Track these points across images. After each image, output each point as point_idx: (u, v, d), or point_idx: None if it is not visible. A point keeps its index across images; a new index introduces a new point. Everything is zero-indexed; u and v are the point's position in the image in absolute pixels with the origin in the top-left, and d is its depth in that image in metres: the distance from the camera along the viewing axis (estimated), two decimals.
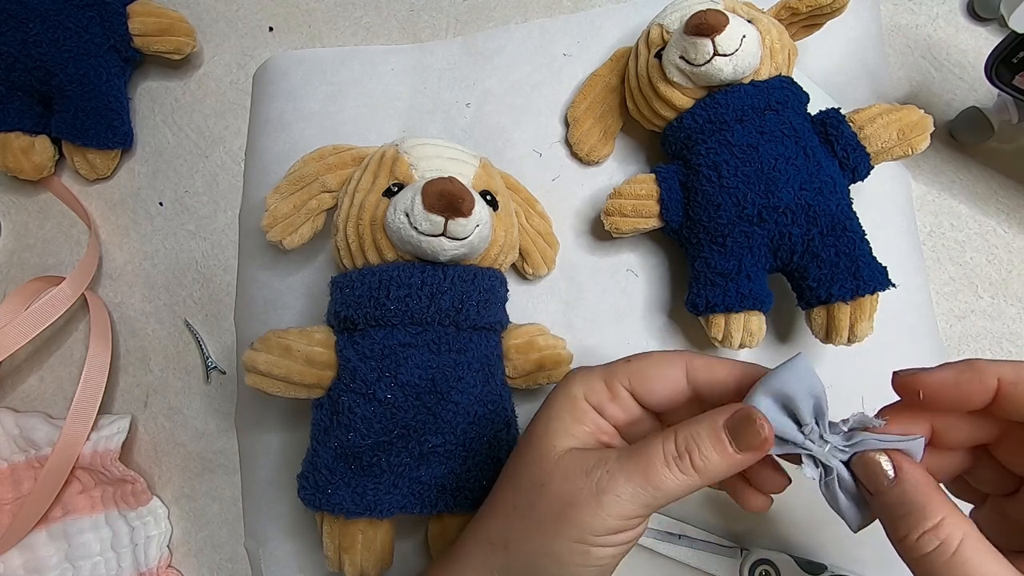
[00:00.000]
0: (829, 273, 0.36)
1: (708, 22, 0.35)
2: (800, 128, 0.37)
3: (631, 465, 0.24)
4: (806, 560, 0.38)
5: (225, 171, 0.47)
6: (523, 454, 0.28)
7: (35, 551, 0.40)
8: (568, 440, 0.26)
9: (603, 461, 0.25)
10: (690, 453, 0.24)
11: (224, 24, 0.50)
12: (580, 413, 0.27)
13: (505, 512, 0.27)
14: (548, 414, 0.28)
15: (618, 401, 0.27)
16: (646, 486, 0.24)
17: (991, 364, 0.23)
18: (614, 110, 0.44)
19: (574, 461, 0.25)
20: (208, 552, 0.43)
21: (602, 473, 0.24)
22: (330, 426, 0.34)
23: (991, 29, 0.47)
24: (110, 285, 0.46)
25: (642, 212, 0.39)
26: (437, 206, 0.32)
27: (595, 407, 0.27)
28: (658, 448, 0.24)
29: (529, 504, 0.26)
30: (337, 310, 0.36)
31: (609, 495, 0.24)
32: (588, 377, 0.28)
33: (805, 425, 0.24)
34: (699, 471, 0.24)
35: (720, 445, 0.24)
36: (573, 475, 0.25)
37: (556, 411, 0.27)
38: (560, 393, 0.28)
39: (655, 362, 0.27)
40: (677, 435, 0.24)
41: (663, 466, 0.24)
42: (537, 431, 0.28)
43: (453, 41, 0.48)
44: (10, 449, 0.41)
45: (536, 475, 0.26)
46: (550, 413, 0.27)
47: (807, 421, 0.24)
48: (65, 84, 0.44)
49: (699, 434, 0.24)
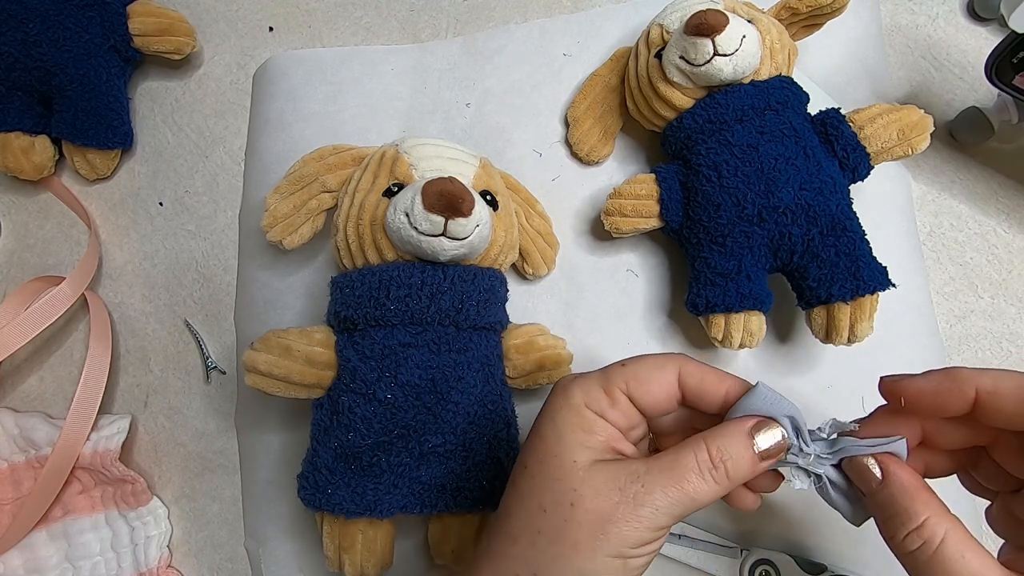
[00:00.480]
0: (829, 273, 0.36)
1: (708, 22, 0.35)
2: (800, 128, 0.37)
3: (666, 478, 0.24)
4: (806, 560, 0.38)
5: (225, 171, 0.47)
6: (537, 473, 0.26)
7: (35, 551, 0.40)
8: (587, 453, 0.26)
9: (636, 475, 0.25)
10: (724, 463, 0.25)
11: (224, 24, 0.50)
12: (589, 423, 0.26)
13: (530, 539, 0.25)
14: (556, 428, 0.27)
15: (618, 407, 0.27)
16: (682, 497, 0.24)
17: (971, 373, 0.24)
18: (614, 110, 0.44)
19: (602, 475, 0.25)
20: (208, 552, 0.43)
21: (638, 488, 0.24)
22: (330, 426, 0.34)
23: (991, 29, 0.47)
24: (110, 285, 0.46)
25: (642, 212, 0.39)
26: (437, 206, 0.32)
27: (599, 415, 0.27)
28: (691, 459, 0.25)
29: (558, 526, 0.25)
30: (337, 310, 0.36)
31: (647, 508, 0.24)
32: (586, 385, 0.27)
33: (790, 445, 0.25)
34: (731, 478, 0.25)
35: (750, 453, 0.25)
36: (606, 490, 0.24)
37: (564, 424, 0.26)
38: (561, 404, 0.27)
39: (650, 366, 0.27)
40: (709, 446, 0.25)
41: (698, 477, 0.24)
42: (549, 447, 0.26)
43: (453, 41, 0.48)
44: (10, 449, 0.41)
45: (561, 493, 0.25)
46: (558, 426, 0.26)
47: (791, 440, 0.25)
48: (65, 84, 0.44)
49: (730, 444, 0.25)
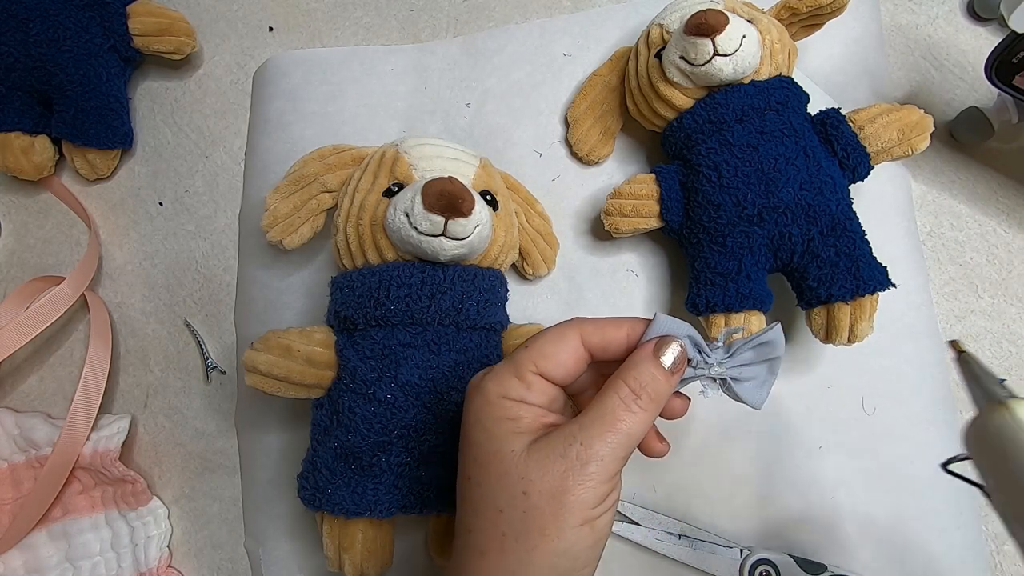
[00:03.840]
0: (829, 273, 0.36)
1: (708, 22, 0.35)
2: (800, 128, 0.37)
3: (598, 425, 0.25)
4: (806, 560, 0.38)
5: (225, 171, 0.47)
6: (483, 479, 0.26)
7: (35, 551, 0.40)
8: (521, 439, 0.26)
9: (572, 436, 0.25)
10: (644, 388, 0.26)
11: (224, 24, 0.50)
12: (513, 412, 0.27)
13: (498, 546, 0.25)
14: (484, 428, 0.27)
15: (533, 388, 0.27)
16: (621, 438, 0.25)
17: None
18: (614, 110, 0.44)
19: (541, 452, 0.25)
20: (208, 552, 0.43)
21: (577, 447, 0.25)
22: (330, 426, 0.34)
23: (991, 29, 0.47)
24: (110, 285, 0.46)
25: (642, 212, 0.39)
26: (437, 206, 0.32)
27: (519, 401, 0.27)
28: (615, 399, 0.26)
29: (520, 520, 0.25)
30: (337, 310, 0.36)
31: (593, 462, 0.25)
32: (498, 377, 0.27)
33: (691, 359, 0.27)
34: (654, 400, 0.26)
35: (661, 371, 0.26)
36: (550, 464, 0.25)
37: (490, 421, 0.27)
38: (482, 404, 0.27)
39: (552, 338, 0.28)
40: (626, 380, 0.26)
41: (626, 411, 0.26)
42: (484, 449, 0.27)
43: (453, 41, 0.48)
44: (10, 449, 0.41)
45: (512, 487, 0.25)
46: (485, 426, 0.27)
47: (692, 355, 0.27)
48: (65, 84, 0.44)
49: (642, 370, 0.26)
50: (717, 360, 0.28)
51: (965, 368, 0.29)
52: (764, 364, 0.28)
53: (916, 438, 0.40)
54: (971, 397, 0.29)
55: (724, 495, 0.40)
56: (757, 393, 0.28)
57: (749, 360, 0.28)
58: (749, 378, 0.28)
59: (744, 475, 0.40)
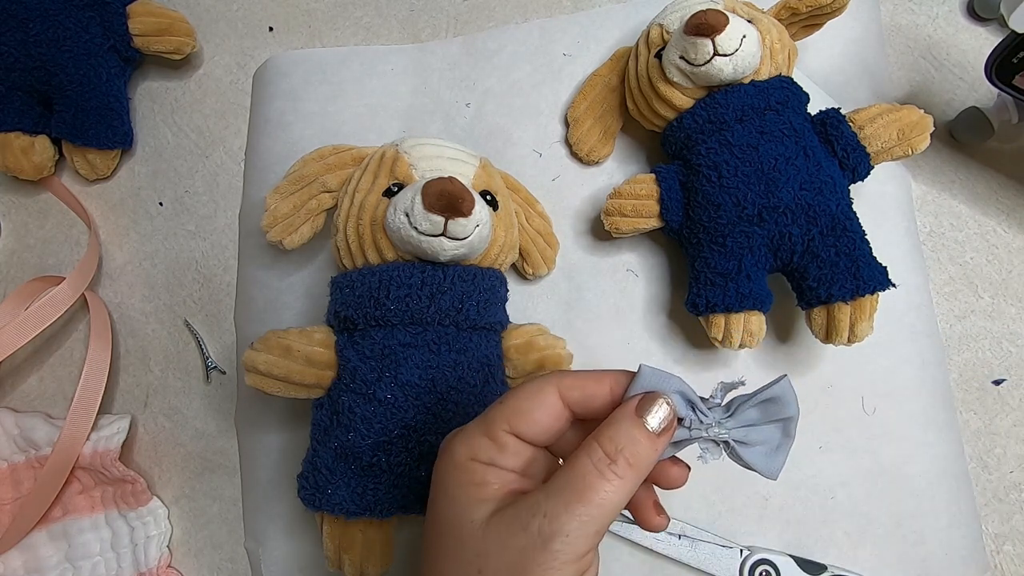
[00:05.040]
0: (829, 273, 0.36)
1: (708, 22, 0.35)
2: (800, 128, 0.37)
3: (566, 494, 0.22)
4: (806, 560, 0.38)
5: (225, 171, 0.47)
6: (440, 549, 0.24)
7: (35, 551, 0.40)
8: (483, 508, 0.23)
9: (535, 507, 0.22)
10: (621, 452, 0.23)
11: (224, 24, 0.50)
12: (479, 477, 0.24)
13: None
14: (446, 492, 0.24)
15: (506, 450, 0.24)
16: (589, 509, 0.22)
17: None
18: (614, 110, 0.44)
19: (503, 524, 0.22)
20: (208, 552, 0.43)
21: (540, 520, 0.22)
22: (330, 426, 0.34)
23: (991, 29, 0.47)
24: (110, 285, 0.46)
25: (642, 212, 0.39)
26: (437, 206, 0.32)
27: (488, 464, 0.24)
28: (586, 463, 0.23)
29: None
30: (337, 310, 0.36)
31: (557, 539, 0.21)
32: (466, 437, 0.25)
33: (684, 418, 0.24)
34: (634, 466, 0.23)
35: (641, 431, 0.23)
36: (510, 539, 0.22)
37: (453, 485, 0.24)
38: (447, 466, 0.25)
39: (528, 395, 0.25)
40: (600, 441, 0.23)
41: (599, 478, 0.22)
42: (443, 515, 0.24)
43: (453, 41, 0.48)
44: (10, 449, 0.41)
45: (466, 564, 0.22)
46: (448, 490, 0.24)
47: (684, 414, 0.24)
48: (65, 84, 0.44)
49: (619, 430, 0.23)
50: (716, 420, 0.24)
51: None
52: (775, 425, 0.25)
53: (916, 438, 0.40)
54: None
55: (724, 495, 0.40)
56: (770, 461, 0.25)
57: (754, 420, 0.24)
58: (759, 442, 0.25)
59: (744, 475, 0.40)
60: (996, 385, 0.42)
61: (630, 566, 0.39)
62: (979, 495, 0.40)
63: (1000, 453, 0.41)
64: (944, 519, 0.39)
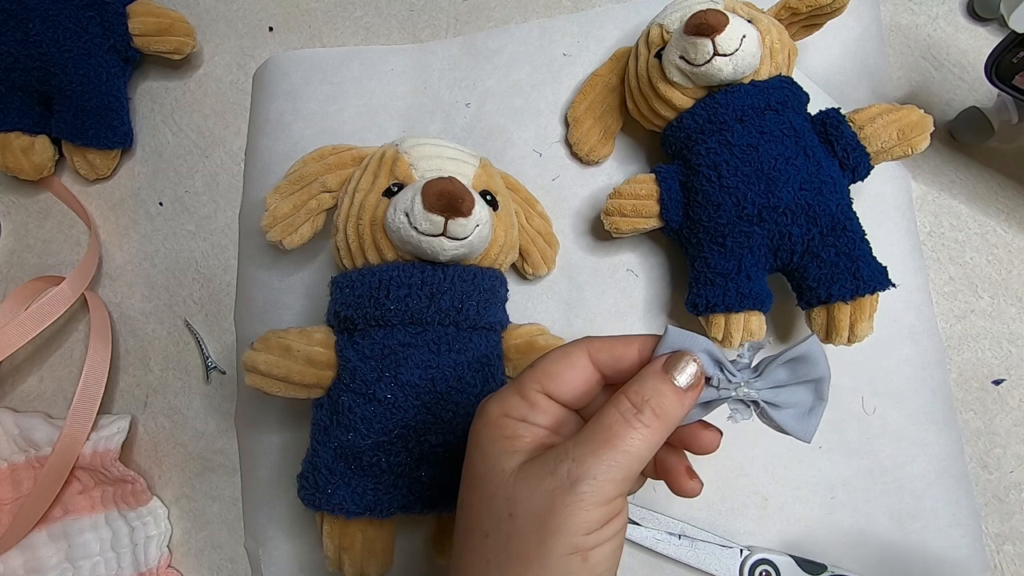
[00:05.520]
0: (829, 273, 0.36)
1: (708, 22, 0.35)
2: (800, 128, 0.37)
3: (593, 442, 0.23)
4: (806, 560, 0.38)
5: (225, 171, 0.47)
6: (474, 501, 0.25)
7: (35, 551, 0.40)
8: (514, 458, 0.24)
9: (563, 453, 0.23)
10: (647, 403, 0.23)
11: (224, 24, 0.50)
12: (511, 430, 0.25)
13: (481, 574, 0.23)
14: (479, 447, 0.25)
15: (537, 408, 0.25)
16: (616, 455, 0.23)
17: None
18: (614, 110, 0.44)
19: (533, 470, 0.23)
20: (208, 552, 0.43)
21: (568, 464, 0.23)
22: (330, 426, 0.34)
23: (991, 29, 0.47)
24: (110, 285, 0.46)
25: (642, 212, 0.39)
26: (437, 206, 0.32)
27: (520, 420, 0.25)
28: (613, 413, 0.24)
29: (503, 546, 0.23)
30: (337, 310, 0.36)
31: (584, 481, 0.22)
32: (500, 397, 0.26)
33: (711, 377, 0.24)
34: (660, 417, 0.23)
35: (668, 385, 0.24)
36: (539, 482, 0.23)
37: (486, 440, 0.25)
38: (481, 424, 0.26)
39: (557, 357, 0.26)
40: (627, 393, 0.24)
41: (626, 426, 0.23)
42: (477, 470, 0.25)
43: (453, 41, 0.48)
44: (10, 449, 0.41)
45: (498, 509, 0.23)
46: (481, 446, 0.25)
47: (712, 373, 0.24)
48: (65, 84, 0.44)
49: (646, 383, 0.24)
50: (744, 380, 0.24)
51: None
52: (806, 386, 0.25)
53: (916, 438, 0.40)
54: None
55: (724, 495, 0.40)
56: (803, 423, 0.25)
57: (784, 380, 0.24)
58: (790, 404, 0.25)
59: (744, 475, 0.40)
60: (996, 385, 0.42)
61: (630, 566, 0.39)
62: (979, 495, 0.40)
63: (1000, 453, 0.41)
64: (944, 519, 0.39)
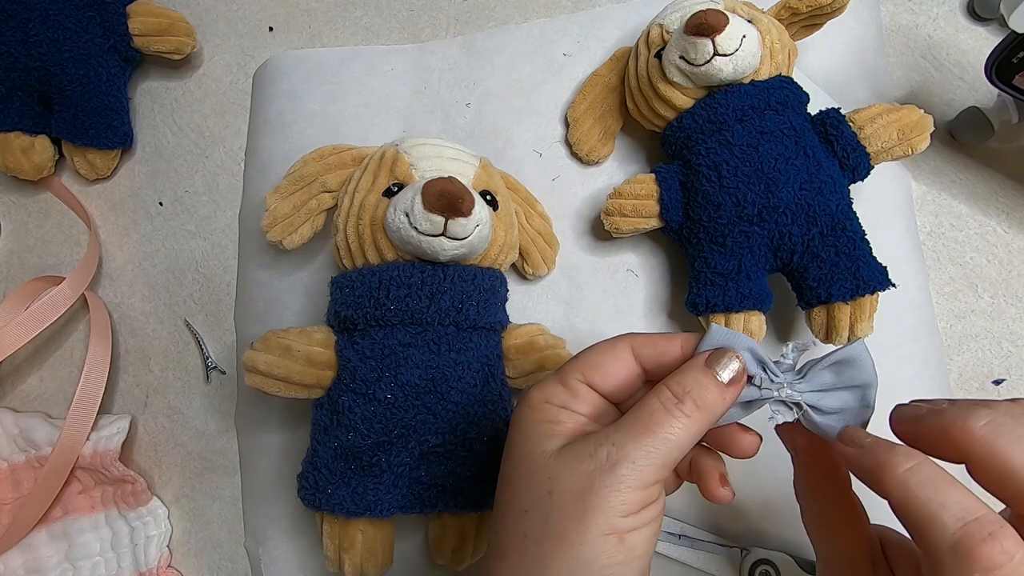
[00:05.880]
0: (829, 273, 0.36)
1: (708, 22, 0.35)
2: (800, 128, 0.37)
3: (634, 427, 0.24)
4: (806, 560, 0.38)
5: (225, 171, 0.47)
6: (515, 478, 0.25)
7: (35, 551, 0.40)
8: (554, 441, 0.25)
9: (603, 438, 0.24)
10: (688, 393, 0.24)
11: (224, 24, 0.50)
12: (552, 415, 0.26)
13: (518, 548, 0.24)
14: (521, 430, 0.26)
15: (578, 396, 0.26)
16: (655, 441, 0.23)
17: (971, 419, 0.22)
18: (614, 110, 0.44)
19: (572, 452, 0.24)
20: (208, 552, 0.43)
21: (608, 447, 0.23)
22: (330, 426, 0.34)
23: (991, 29, 0.47)
24: (110, 285, 0.46)
25: (642, 212, 0.39)
26: (437, 206, 0.32)
27: (561, 407, 0.26)
28: (654, 401, 0.24)
29: (542, 522, 0.24)
30: (337, 310, 0.36)
31: (624, 464, 0.23)
32: (543, 385, 0.27)
33: (753, 376, 0.24)
34: (701, 408, 0.24)
35: (711, 378, 0.24)
36: (578, 464, 0.23)
37: (528, 423, 0.26)
38: (523, 409, 0.27)
39: (601, 349, 0.26)
40: (669, 384, 0.24)
41: (666, 414, 0.24)
42: (518, 450, 0.26)
43: (453, 41, 0.48)
44: (10, 449, 0.41)
45: (537, 486, 0.24)
46: (523, 428, 0.26)
47: (754, 372, 0.24)
48: (65, 84, 0.44)
49: (688, 375, 0.24)
50: (787, 381, 0.24)
51: None
52: (851, 392, 0.24)
53: None
54: None
55: None
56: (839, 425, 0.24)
57: (829, 384, 0.24)
58: (834, 409, 0.24)
59: (744, 475, 0.40)
60: (996, 385, 0.42)
61: None
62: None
63: None
64: None
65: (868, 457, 0.22)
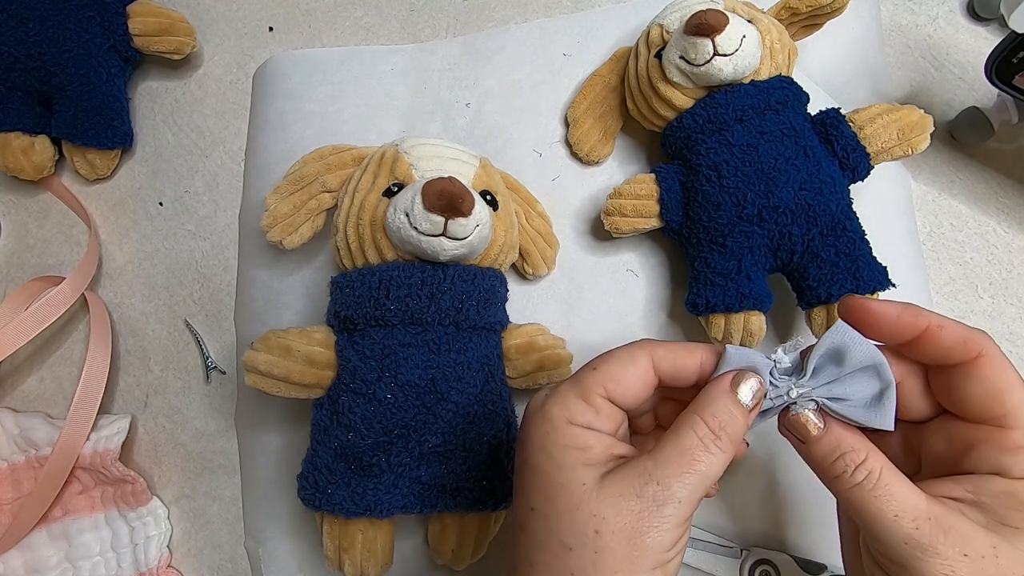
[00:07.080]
0: (829, 273, 0.36)
1: (708, 22, 0.35)
2: (800, 128, 0.37)
3: (677, 465, 0.24)
4: (806, 560, 0.38)
5: (225, 171, 0.47)
6: (550, 511, 0.25)
7: (35, 551, 0.40)
8: (591, 472, 0.24)
9: (646, 475, 0.24)
10: (724, 429, 0.24)
11: (224, 24, 0.50)
12: (581, 440, 0.25)
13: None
14: (550, 456, 0.25)
15: (602, 415, 0.26)
16: (696, 479, 0.24)
17: (926, 311, 0.25)
18: (614, 110, 0.44)
19: (615, 487, 0.24)
20: (208, 552, 0.43)
21: (654, 487, 0.24)
22: (330, 426, 0.34)
23: (991, 29, 0.47)
24: (110, 285, 0.46)
25: (642, 212, 0.39)
26: (437, 206, 0.32)
27: (587, 428, 0.25)
28: (692, 437, 0.24)
29: (591, 560, 0.23)
30: (337, 310, 0.36)
31: (670, 504, 0.23)
32: (561, 399, 0.26)
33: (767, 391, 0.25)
34: (733, 440, 0.25)
35: (740, 409, 0.25)
36: (625, 503, 0.23)
37: (556, 449, 0.25)
38: (547, 429, 0.26)
39: (623, 361, 0.26)
40: (704, 417, 0.25)
41: (705, 452, 0.24)
42: (551, 479, 0.25)
43: (453, 41, 0.48)
44: (10, 449, 0.41)
45: (583, 524, 0.24)
46: (552, 454, 0.25)
47: (768, 387, 0.25)
48: (65, 84, 0.44)
49: (720, 407, 0.25)
50: (791, 383, 0.25)
51: None
52: (864, 372, 0.24)
53: None
54: None
55: (724, 495, 0.40)
56: (874, 412, 0.24)
57: (835, 373, 0.24)
58: (850, 395, 0.24)
59: (744, 475, 0.40)
60: None
61: None
62: None
63: None
64: None
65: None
